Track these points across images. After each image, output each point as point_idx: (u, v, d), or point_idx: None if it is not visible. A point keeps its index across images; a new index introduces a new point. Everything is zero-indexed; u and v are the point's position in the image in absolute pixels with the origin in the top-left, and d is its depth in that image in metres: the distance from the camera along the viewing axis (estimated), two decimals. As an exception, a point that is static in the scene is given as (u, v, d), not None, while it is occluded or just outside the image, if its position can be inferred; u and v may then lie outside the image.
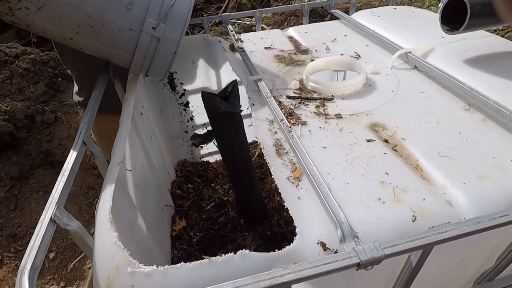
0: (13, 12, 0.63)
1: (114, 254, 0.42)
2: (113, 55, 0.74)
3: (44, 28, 0.68)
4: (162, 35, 0.70)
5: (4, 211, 2.03)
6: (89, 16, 0.65)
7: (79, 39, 0.70)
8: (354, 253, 0.37)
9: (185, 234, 1.13)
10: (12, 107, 2.16)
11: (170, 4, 0.69)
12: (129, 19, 0.68)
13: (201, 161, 1.51)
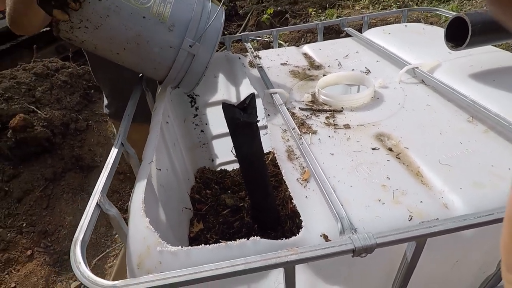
0: (73, 30, 0.75)
1: (146, 236, 0.50)
2: (151, 69, 0.85)
3: (96, 44, 0.80)
4: (197, 52, 0.80)
5: (37, 209, 2.18)
6: (137, 35, 0.77)
7: (125, 55, 0.81)
8: (350, 240, 0.43)
9: (202, 236, 1.19)
10: (50, 115, 2.35)
11: (205, 26, 0.80)
12: (170, 38, 0.79)
13: (220, 169, 1.59)
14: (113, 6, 0.73)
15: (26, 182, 2.29)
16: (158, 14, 0.77)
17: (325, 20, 3.55)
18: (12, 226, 2.12)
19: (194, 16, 0.80)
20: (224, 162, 1.59)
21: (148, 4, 0.76)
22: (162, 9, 0.77)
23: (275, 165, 1.46)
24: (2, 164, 2.33)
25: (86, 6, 0.72)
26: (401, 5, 3.59)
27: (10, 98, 2.41)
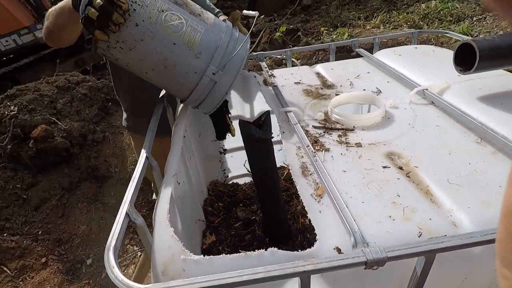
0: (109, 49, 0.81)
1: (170, 245, 0.54)
2: (175, 89, 0.91)
3: (128, 63, 0.86)
4: (218, 80, 0.86)
5: (53, 217, 2.25)
6: (166, 59, 0.83)
7: (153, 74, 0.88)
8: (363, 253, 0.46)
9: (215, 248, 1.22)
10: (70, 126, 2.45)
11: (229, 58, 0.86)
12: (196, 65, 0.85)
13: (231, 182, 1.62)
14: (148, 31, 0.80)
15: (44, 190, 2.37)
16: (188, 42, 0.83)
17: (336, 38, 3.64)
18: (29, 233, 2.19)
19: (221, 46, 0.86)
20: (236, 176, 1.63)
21: (180, 32, 0.82)
22: (192, 37, 0.84)
23: (286, 179, 1.49)
24: (22, 173, 2.42)
25: (124, 30, 0.79)
26: (412, 25, 3.66)
27: (33, 109, 2.52)
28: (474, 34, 3.03)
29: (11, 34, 4.86)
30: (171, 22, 0.82)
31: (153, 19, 0.81)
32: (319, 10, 5.83)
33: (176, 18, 0.83)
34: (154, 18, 0.81)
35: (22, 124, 2.42)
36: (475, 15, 3.34)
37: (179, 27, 0.83)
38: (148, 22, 0.80)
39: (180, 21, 0.84)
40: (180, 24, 0.84)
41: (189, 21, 0.85)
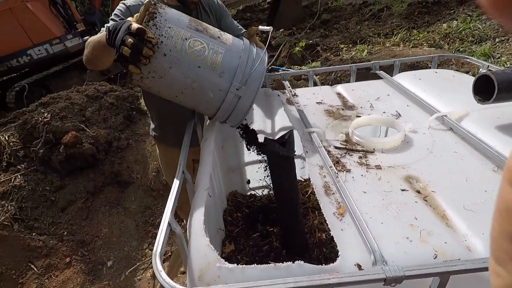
0: (143, 79, 0.91)
1: (207, 253, 0.61)
2: (203, 108, 0.99)
3: (159, 90, 0.96)
4: (242, 94, 0.93)
5: (77, 219, 2.37)
6: (193, 81, 0.91)
7: (182, 97, 0.96)
8: (382, 271, 0.51)
9: (234, 257, 1.28)
10: (97, 133, 2.59)
11: (249, 73, 0.93)
12: (220, 83, 0.93)
13: (250, 193, 1.68)
14: (175, 59, 0.89)
15: (70, 193, 2.50)
16: (211, 64, 0.92)
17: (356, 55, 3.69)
18: (55, 233, 2.31)
19: (241, 63, 0.94)
20: (254, 187, 1.69)
21: (203, 56, 0.91)
22: (215, 58, 0.92)
23: (304, 193, 1.54)
24: (51, 176, 2.56)
25: (154, 61, 0.88)
26: (432, 44, 3.67)
27: (64, 116, 2.68)
28: (496, 55, 3.02)
29: (44, 44, 5.17)
30: (194, 48, 0.91)
31: (179, 48, 0.89)
32: (338, 25, 5.91)
33: (198, 44, 0.92)
34: (179, 46, 0.89)
35: (54, 130, 2.58)
36: (498, 36, 3.33)
37: (202, 51, 0.92)
38: (174, 51, 0.89)
39: (202, 45, 0.92)
40: (202, 48, 0.92)
41: (210, 44, 0.94)
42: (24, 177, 2.49)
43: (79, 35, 5.50)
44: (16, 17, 4.78)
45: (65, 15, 5.46)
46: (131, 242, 2.33)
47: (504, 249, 0.18)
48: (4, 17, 4.67)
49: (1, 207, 2.25)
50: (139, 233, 2.39)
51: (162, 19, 0.89)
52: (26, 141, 2.66)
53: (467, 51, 3.28)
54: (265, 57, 1.03)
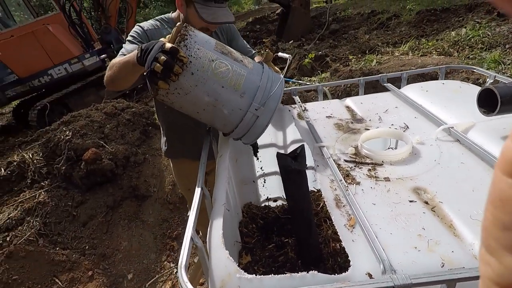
0: (168, 95, 0.98)
1: (227, 265, 0.66)
2: (221, 124, 1.06)
3: (182, 106, 1.03)
4: (260, 114, 1.00)
5: (98, 233, 2.46)
6: (216, 99, 0.99)
7: (203, 114, 1.04)
8: (391, 279, 0.55)
9: (250, 268, 1.32)
10: (115, 149, 2.70)
11: (268, 95, 1.00)
12: (240, 103, 1.00)
13: (264, 205, 1.73)
14: (201, 78, 0.96)
15: (91, 208, 2.60)
16: (234, 84, 0.99)
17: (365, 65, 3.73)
18: (77, 248, 2.40)
19: (261, 86, 1.01)
20: (268, 199, 1.74)
21: (227, 77, 0.98)
22: (237, 80, 0.99)
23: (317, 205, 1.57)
24: (73, 192, 2.68)
25: (182, 78, 0.95)
26: (441, 52, 3.67)
27: (84, 134, 2.81)
28: (507, 62, 3.01)
29: (63, 64, 5.42)
30: (219, 69, 0.98)
31: (205, 68, 0.97)
32: (347, 35, 5.97)
33: (223, 66, 0.99)
34: (206, 67, 0.97)
35: (75, 148, 2.71)
36: (508, 42, 3.32)
37: (226, 72, 0.99)
38: (201, 71, 0.97)
39: (227, 67, 1.00)
40: (226, 70, 0.99)
41: (234, 66, 1.01)
42: (47, 193, 2.61)
43: (96, 53, 5.74)
44: (38, 40, 5.04)
45: (83, 35, 5.72)
46: (149, 254, 2.39)
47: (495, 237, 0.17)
48: (27, 39, 4.94)
49: (27, 223, 2.36)
50: (157, 245, 2.46)
51: (192, 41, 0.97)
52: (49, 159, 2.80)
53: (477, 58, 3.28)
54: (283, 83, 1.10)
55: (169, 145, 1.70)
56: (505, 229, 0.17)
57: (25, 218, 2.36)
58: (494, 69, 2.96)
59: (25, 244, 2.18)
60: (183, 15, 1.35)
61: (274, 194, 1.72)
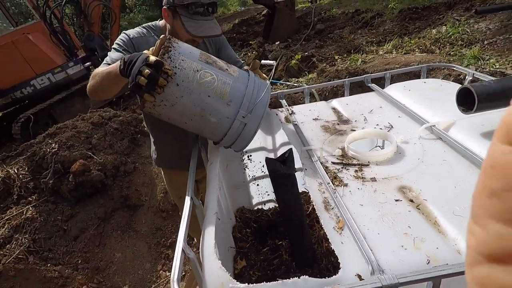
0: (155, 107, 0.99)
1: (219, 275, 0.67)
2: (209, 133, 1.07)
3: (169, 117, 1.03)
4: (248, 121, 1.01)
5: (91, 246, 2.42)
6: (202, 109, 0.99)
7: (191, 123, 1.04)
8: (378, 280, 0.57)
9: (246, 273, 1.32)
10: (104, 159, 2.67)
11: (255, 102, 1.02)
12: (227, 112, 1.01)
13: (256, 208, 1.73)
14: (187, 89, 0.97)
15: (82, 221, 2.56)
16: (220, 93, 1.00)
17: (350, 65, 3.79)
18: (69, 263, 2.36)
19: (247, 93, 1.02)
20: (261, 202, 1.74)
21: (213, 86, 0.99)
22: (223, 88, 1.00)
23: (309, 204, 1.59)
24: (62, 205, 2.63)
25: (167, 90, 0.96)
26: (423, 50, 3.76)
27: (71, 145, 2.77)
28: (486, 57, 3.10)
29: (46, 73, 5.32)
30: (205, 79, 0.99)
31: (190, 78, 0.98)
32: (333, 35, 6.04)
33: (208, 75, 1.00)
34: (191, 77, 0.98)
35: (62, 160, 2.66)
36: (486, 38, 3.42)
37: (212, 82, 1.00)
38: (186, 81, 0.97)
39: (212, 77, 1.01)
40: (212, 79, 1.00)
41: (219, 75, 1.02)
42: (35, 208, 2.56)
43: (80, 61, 5.64)
44: (18, 50, 4.93)
45: (65, 43, 5.62)
46: (144, 264, 2.37)
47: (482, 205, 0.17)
48: (6, 50, 4.82)
49: (15, 241, 2.31)
50: (152, 255, 2.44)
51: (176, 52, 0.98)
52: (35, 173, 2.74)
53: (458, 55, 3.37)
54: (269, 89, 1.11)
55: (159, 155, 1.70)
56: (492, 195, 0.16)
57: (13, 236, 2.31)
58: (474, 65, 3.04)
59: (14, 262, 2.13)
60: (169, 26, 1.35)
61: (266, 197, 1.72)
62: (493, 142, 0.17)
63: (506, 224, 0.15)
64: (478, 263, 0.17)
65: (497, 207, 0.16)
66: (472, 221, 0.18)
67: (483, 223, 0.17)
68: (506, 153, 0.16)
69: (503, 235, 0.16)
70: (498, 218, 0.16)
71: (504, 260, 0.16)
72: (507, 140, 0.16)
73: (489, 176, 0.17)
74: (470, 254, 0.18)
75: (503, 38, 3.32)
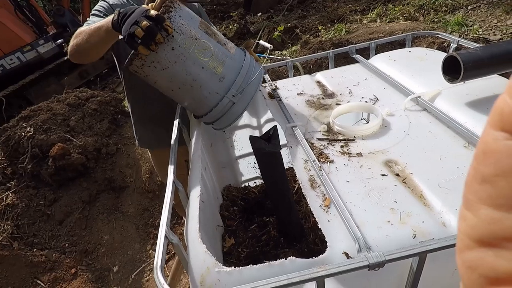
0: (143, 67, 0.92)
1: (205, 259, 0.65)
2: (195, 106, 1.03)
3: (156, 81, 0.98)
4: (236, 101, 0.97)
5: (77, 229, 2.39)
6: (194, 79, 0.94)
7: (178, 92, 0.99)
8: (365, 258, 0.56)
9: (234, 250, 1.33)
10: (84, 142, 2.57)
11: (247, 83, 0.97)
12: (219, 87, 0.96)
13: (243, 186, 1.73)
14: (182, 55, 0.91)
15: (66, 205, 2.51)
16: (215, 67, 0.94)
17: (334, 35, 3.70)
18: (56, 247, 2.33)
19: (242, 72, 0.98)
20: (247, 179, 1.73)
21: (209, 58, 0.94)
22: (218, 63, 0.95)
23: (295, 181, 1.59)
24: (43, 190, 2.56)
25: (161, 52, 0.90)
26: (408, 17, 3.69)
27: (48, 129, 2.65)
28: (469, 23, 3.07)
29: (15, 52, 5.00)
30: (202, 49, 0.94)
31: (187, 45, 0.92)
32: (316, 4, 5.86)
33: (206, 46, 0.95)
34: (188, 44, 0.92)
35: (40, 144, 2.55)
36: (470, 4, 3.37)
37: (208, 53, 0.95)
38: (183, 47, 0.91)
39: (210, 48, 0.95)
40: (209, 51, 0.95)
41: (216, 49, 0.97)
42: (16, 194, 2.48)
43: (51, 39, 5.31)
44: (-20, 28, 4.59)
45: (33, 19, 5.25)
46: (133, 245, 2.37)
47: (473, 191, 0.17)
48: (-34, 29, 4.48)
49: (-2, 227, 2.25)
50: (141, 235, 2.43)
51: (176, 15, 0.91)
52: (12, 158, 2.63)
53: (441, 21, 3.33)
54: (262, 72, 1.06)
55: (142, 135, 1.64)
56: (484, 181, 0.16)
57: (-6, 223, 2.24)
58: (458, 31, 3.02)
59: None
60: None
61: (252, 174, 1.71)
62: (486, 128, 0.17)
63: (496, 209, 0.16)
64: (468, 248, 0.17)
65: (488, 192, 0.16)
66: (464, 207, 0.19)
67: (474, 208, 0.17)
68: (499, 139, 0.16)
69: (493, 219, 0.16)
70: (489, 203, 0.16)
71: (493, 244, 0.16)
72: (500, 126, 0.16)
73: (481, 162, 0.17)
74: (461, 239, 0.18)
75: (486, 3, 3.29)
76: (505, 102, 0.16)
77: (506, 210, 0.15)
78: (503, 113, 0.16)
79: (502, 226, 0.16)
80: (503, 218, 0.15)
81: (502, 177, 0.16)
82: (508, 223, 0.15)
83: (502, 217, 0.16)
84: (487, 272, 0.16)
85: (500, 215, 0.16)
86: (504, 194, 0.15)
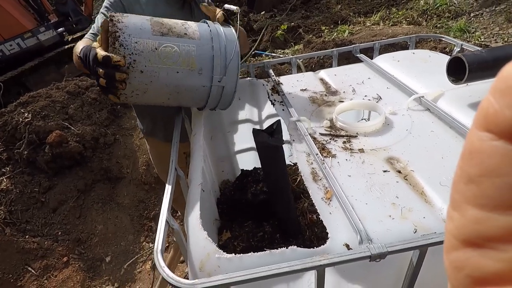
0: (128, 98, 0.92)
1: (205, 246, 0.65)
2: (192, 104, 1.02)
3: (146, 102, 0.98)
4: (225, 84, 0.96)
5: (71, 218, 2.37)
6: (176, 86, 0.93)
7: (169, 101, 0.99)
8: (367, 249, 0.57)
9: (231, 244, 1.33)
10: (82, 130, 2.56)
11: (227, 63, 0.96)
12: (201, 80, 0.95)
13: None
14: (152, 73, 0.90)
15: (61, 193, 2.49)
16: (187, 65, 0.93)
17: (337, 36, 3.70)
18: (49, 234, 2.31)
19: (215, 54, 0.95)
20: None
21: (178, 60, 0.92)
22: (189, 59, 0.93)
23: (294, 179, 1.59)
24: (38, 177, 2.53)
25: (133, 80, 0.88)
26: (411, 21, 3.71)
27: (46, 115, 2.62)
28: (472, 30, 3.09)
29: (15, 38, 4.95)
30: (167, 55, 0.91)
31: (152, 60, 0.89)
32: (319, 5, 5.86)
33: (169, 50, 0.91)
34: (152, 59, 0.89)
35: (37, 130, 2.53)
36: (473, 11, 3.40)
37: (175, 55, 0.91)
38: (149, 65, 0.89)
39: (174, 49, 0.92)
40: (174, 53, 0.91)
41: (180, 45, 0.93)
42: (10, 180, 2.45)
43: (53, 27, 5.27)
44: (-17, 12, 4.55)
45: (35, 6, 5.21)
46: (127, 236, 2.35)
47: (460, 191, 0.18)
48: (-30, 13, 4.44)
49: (-9, 212, 2.22)
50: (135, 227, 2.42)
51: (126, 36, 0.87)
52: (8, 143, 2.60)
53: (444, 27, 3.35)
54: (235, 37, 1.02)
55: (151, 126, 1.66)
56: (470, 181, 0.17)
57: (-13, 208, 2.22)
58: (460, 37, 3.04)
59: (-11, 234, 2.06)
60: None
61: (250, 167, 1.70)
62: (471, 129, 0.17)
63: (481, 209, 0.16)
64: (455, 248, 0.17)
65: (473, 192, 0.17)
66: (451, 207, 0.19)
67: (460, 208, 0.18)
68: (483, 139, 0.16)
69: (478, 220, 0.16)
70: (474, 203, 0.16)
71: (478, 244, 0.16)
72: (485, 126, 0.16)
73: (467, 162, 0.17)
74: (448, 239, 0.18)
75: (489, 11, 3.32)
76: (489, 102, 0.16)
77: (490, 211, 0.16)
78: (488, 113, 0.16)
79: (486, 226, 0.16)
80: (487, 218, 0.16)
81: (486, 177, 0.16)
82: (491, 223, 0.16)
83: (486, 217, 0.16)
84: (474, 272, 0.16)
85: (484, 215, 0.16)
86: (488, 194, 0.16)
